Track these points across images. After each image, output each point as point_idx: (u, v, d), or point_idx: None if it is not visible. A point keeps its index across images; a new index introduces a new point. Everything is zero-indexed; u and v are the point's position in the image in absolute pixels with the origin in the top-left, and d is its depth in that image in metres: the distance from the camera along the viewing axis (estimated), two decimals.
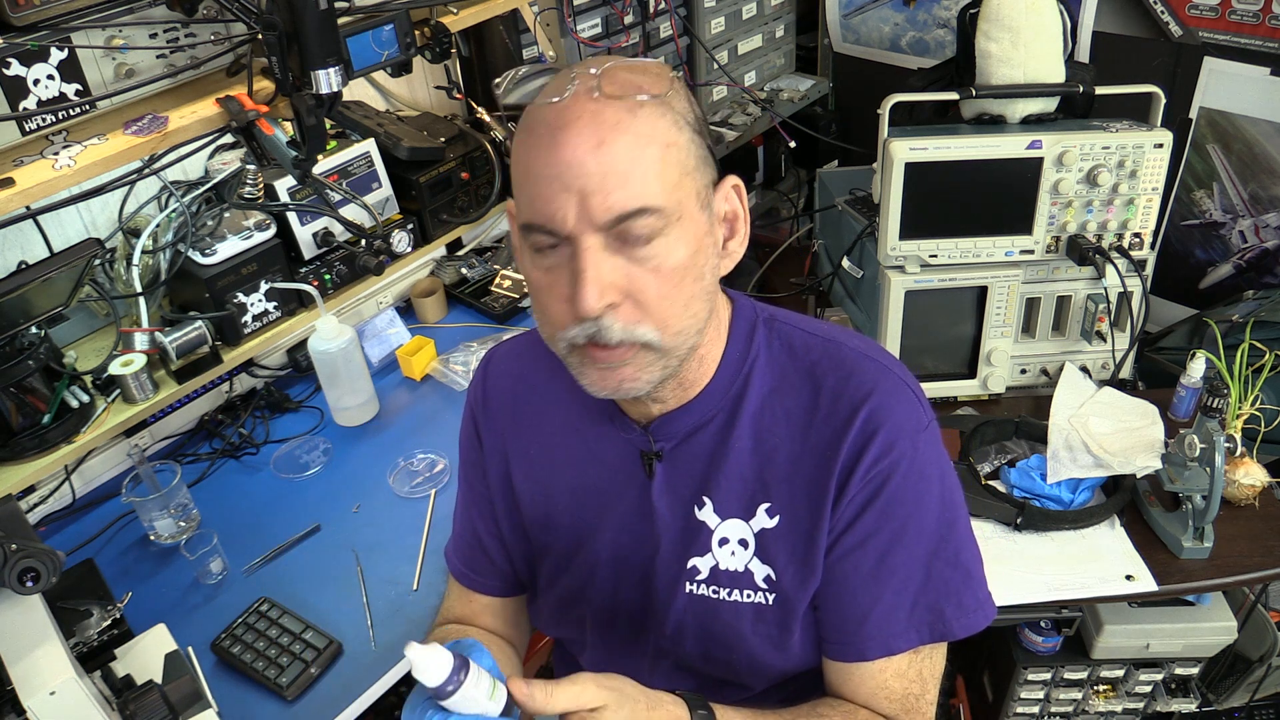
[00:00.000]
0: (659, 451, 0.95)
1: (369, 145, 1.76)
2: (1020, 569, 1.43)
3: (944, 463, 0.94)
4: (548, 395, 1.02)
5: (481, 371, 1.09)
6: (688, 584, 0.96)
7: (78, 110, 1.18)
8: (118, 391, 1.53)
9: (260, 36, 1.23)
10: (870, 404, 0.89)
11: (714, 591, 0.95)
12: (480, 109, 1.87)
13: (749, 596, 0.94)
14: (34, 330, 1.42)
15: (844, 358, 0.92)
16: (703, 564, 0.95)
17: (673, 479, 0.95)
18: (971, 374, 1.74)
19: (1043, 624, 1.64)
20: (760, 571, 0.93)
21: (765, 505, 0.92)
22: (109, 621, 1.34)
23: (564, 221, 0.77)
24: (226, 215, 1.61)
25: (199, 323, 1.55)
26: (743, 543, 0.93)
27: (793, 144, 2.41)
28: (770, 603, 0.94)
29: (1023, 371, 1.77)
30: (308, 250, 1.70)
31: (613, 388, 0.83)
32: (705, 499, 0.94)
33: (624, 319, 0.79)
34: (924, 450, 0.90)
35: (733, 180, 0.88)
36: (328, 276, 1.71)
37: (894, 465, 0.88)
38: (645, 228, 0.77)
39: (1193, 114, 1.94)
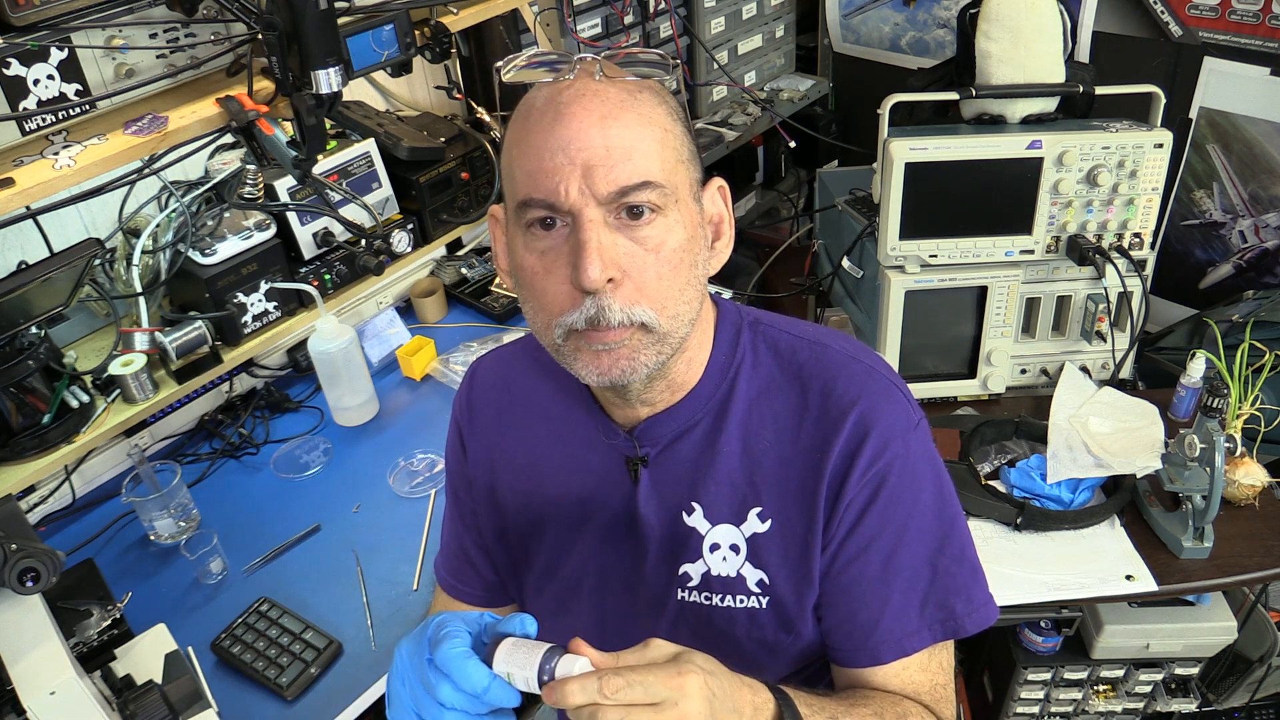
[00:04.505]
0: (644, 457, 0.94)
1: (369, 145, 1.76)
2: (1020, 569, 1.42)
3: (937, 460, 0.94)
4: (534, 404, 1.02)
5: (467, 381, 1.08)
6: (679, 591, 0.96)
7: (78, 110, 1.18)
8: (118, 391, 1.53)
9: (260, 36, 1.23)
10: (860, 406, 0.89)
11: (706, 598, 0.95)
12: (480, 109, 1.87)
13: (742, 602, 0.94)
14: (34, 330, 1.42)
15: (830, 360, 0.92)
16: (694, 570, 0.95)
17: (659, 485, 0.95)
18: (971, 374, 1.74)
19: (1043, 624, 1.64)
20: (753, 576, 0.93)
21: (756, 509, 0.92)
22: (109, 621, 1.34)
23: (566, 195, 0.77)
24: (226, 215, 1.61)
25: (199, 323, 1.55)
26: (734, 548, 0.93)
27: (793, 144, 2.41)
28: (764, 606, 0.93)
29: (1023, 371, 1.77)
30: (308, 250, 1.70)
31: (607, 370, 0.82)
32: (694, 504, 0.93)
33: (623, 299, 0.79)
34: (916, 449, 0.90)
35: (719, 182, 0.89)
36: (328, 276, 1.71)
37: (889, 466, 0.88)
38: (647, 203, 0.79)
39: (1193, 114, 1.94)
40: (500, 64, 0.86)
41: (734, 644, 0.95)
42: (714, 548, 0.94)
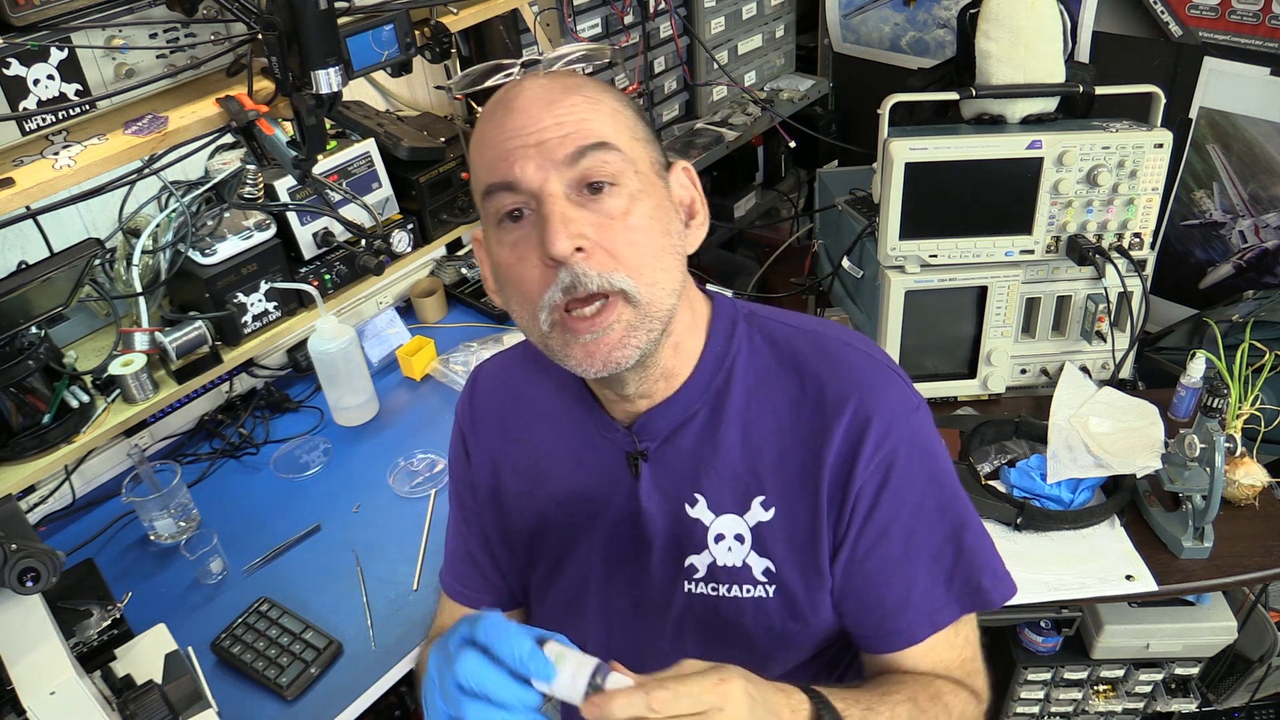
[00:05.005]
0: (644, 451, 0.95)
1: (369, 145, 1.76)
2: (1020, 569, 1.40)
3: (941, 442, 0.95)
4: (534, 406, 1.02)
5: (469, 386, 1.09)
6: (686, 583, 0.96)
7: (78, 110, 1.18)
8: (118, 391, 1.53)
9: (260, 36, 1.23)
10: (860, 392, 0.89)
11: (713, 589, 0.95)
12: (480, 109, 1.87)
13: (749, 591, 0.94)
14: (34, 330, 1.42)
15: (827, 348, 0.93)
16: (700, 562, 0.95)
17: (660, 479, 0.95)
18: (971, 374, 1.74)
19: (1043, 624, 1.64)
20: (759, 565, 0.93)
21: (759, 498, 0.92)
22: (109, 621, 1.33)
23: (524, 173, 0.80)
24: (226, 215, 1.61)
25: (199, 323, 1.55)
26: (739, 538, 0.93)
27: (793, 144, 2.42)
28: (771, 595, 0.94)
29: (1023, 371, 1.77)
30: (308, 250, 1.70)
31: (601, 359, 0.82)
32: (697, 496, 0.94)
33: (597, 265, 0.79)
34: (920, 429, 0.91)
35: (683, 164, 0.91)
36: (328, 276, 1.71)
37: (896, 448, 0.89)
38: (606, 166, 0.80)
39: (1193, 114, 1.94)
40: (449, 83, 0.89)
41: (742, 634, 0.95)
42: (719, 538, 0.94)
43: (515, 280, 0.83)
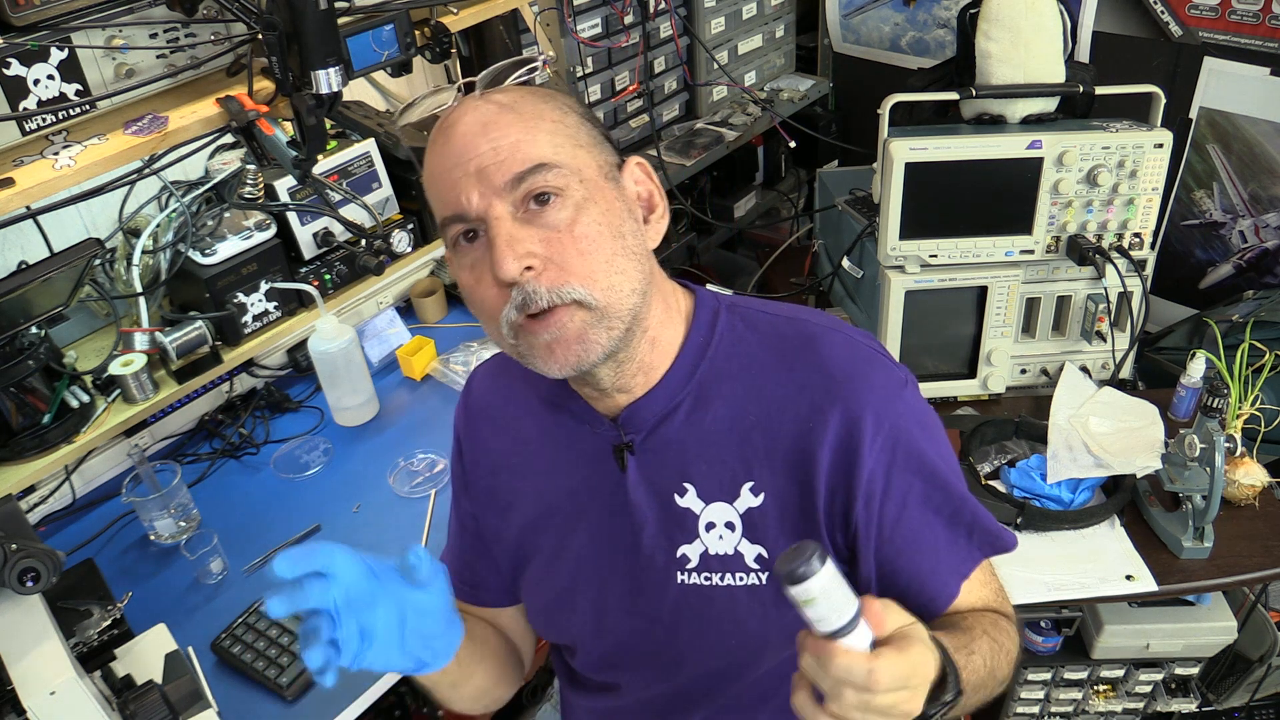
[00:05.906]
0: (629, 443, 0.95)
1: (369, 145, 1.76)
2: (1020, 569, 1.43)
3: (932, 410, 0.97)
4: (524, 405, 1.04)
5: (465, 390, 1.11)
6: (679, 574, 0.96)
7: (78, 110, 1.18)
8: (118, 391, 1.53)
9: (260, 36, 1.23)
10: (850, 377, 0.90)
11: (706, 579, 0.96)
12: None
13: (741, 579, 0.95)
14: (34, 330, 1.42)
15: (810, 334, 0.94)
16: (692, 551, 0.95)
17: (648, 470, 0.96)
18: (971, 374, 1.74)
19: (1043, 624, 1.64)
20: (750, 552, 0.94)
21: (749, 484, 0.93)
22: (109, 621, 1.34)
23: (469, 203, 0.82)
24: (226, 215, 1.61)
25: (199, 323, 1.55)
26: (729, 525, 0.94)
27: (793, 144, 2.41)
28: (764, 582, 0.94)
29: (1023, 371, 1.77)
30: (308, 250, 1.70)
31: (565, 360, 0.84)
32: (686, 485, 0.94)
33: (548, 281, 0.81)
34: (913, 402, 0.93)
35: (635, 159, 0.92)
36: (328, 276, 1.71)
37: (895, 425, 0.90)
38: (548, 185, 0.81)
39: (1193, 114, 1.94)
40: (394, 118, 0.90)
41: (736, 623, 0.96)
42: (709, 526, 0.94)
43: (476, 301, 0.86)
